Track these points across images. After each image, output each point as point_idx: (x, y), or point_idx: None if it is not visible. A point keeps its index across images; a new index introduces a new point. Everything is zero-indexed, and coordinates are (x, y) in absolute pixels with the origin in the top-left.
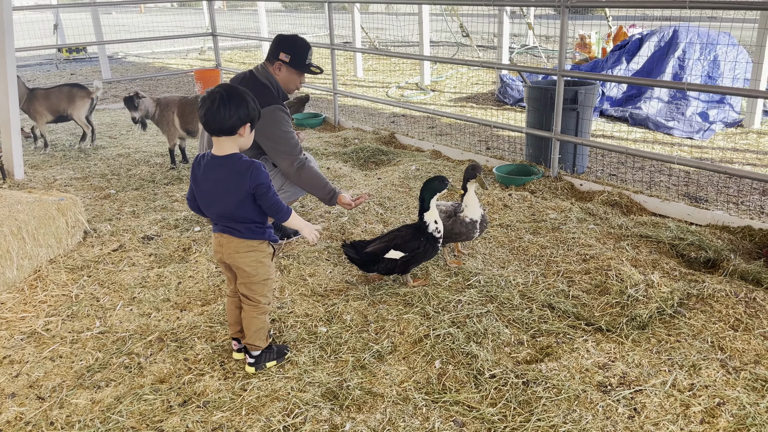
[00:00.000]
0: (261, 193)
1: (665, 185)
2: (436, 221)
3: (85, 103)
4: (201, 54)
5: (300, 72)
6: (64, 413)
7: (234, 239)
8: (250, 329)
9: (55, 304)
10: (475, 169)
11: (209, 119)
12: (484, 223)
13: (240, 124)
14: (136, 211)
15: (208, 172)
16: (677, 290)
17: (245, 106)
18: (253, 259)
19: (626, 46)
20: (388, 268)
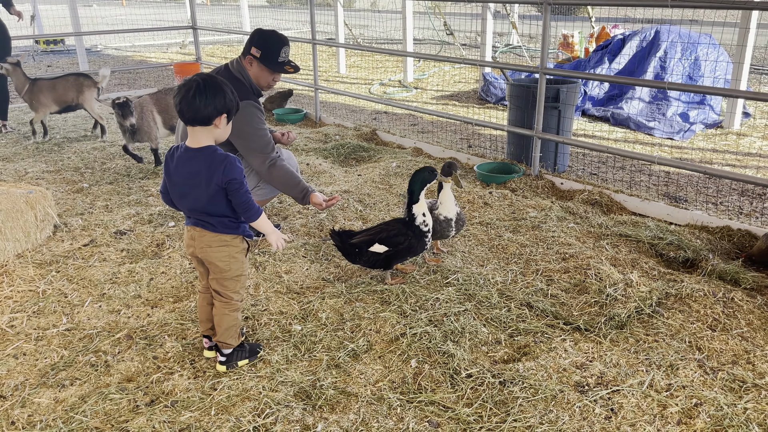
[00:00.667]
0: (233, 189)
1: (645, 185)
2: (425, 214)
3: (93, 92)
4: (182, 48)
5: (270, 69)
6: (25, 412)
7: (207, 233)
8: (222, 326)
9: (21, 300)
10: (451, 167)
11: (184, 107)
12: (461, 222)
13: (216, 114)
14: (109, 206)
15: (181, 165)
16: (656, 290)
17: (222, 96)
18: (226, 254)
19: (609, 47)
20: (371, 262)
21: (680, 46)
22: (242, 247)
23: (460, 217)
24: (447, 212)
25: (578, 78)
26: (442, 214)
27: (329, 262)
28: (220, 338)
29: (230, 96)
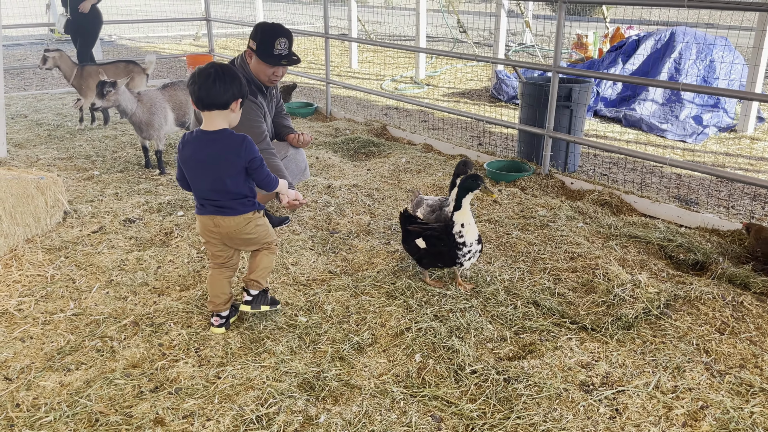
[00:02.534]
0: (255, 167)
1: (656, 187)
2: (464, 225)
3: (143, 78)
4: (195, 40)
5: (267, 63)
6: (31, 395)
7: (229, 218)
8: (260, 266)
9: (30, 284)
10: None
11: (203, 94)
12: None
13: (232, 99)
14: (119, 194)
15: (199, 148)
16: (664, 291)
17: (239, 82)
18: (252, 227)
19: (623, 47)
20: (413, 252)
21: (695, 48)
22: (260, 215)
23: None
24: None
25: (591, 77)
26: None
27: (336, 255)
28: (254, 277)
29: (243, 82)
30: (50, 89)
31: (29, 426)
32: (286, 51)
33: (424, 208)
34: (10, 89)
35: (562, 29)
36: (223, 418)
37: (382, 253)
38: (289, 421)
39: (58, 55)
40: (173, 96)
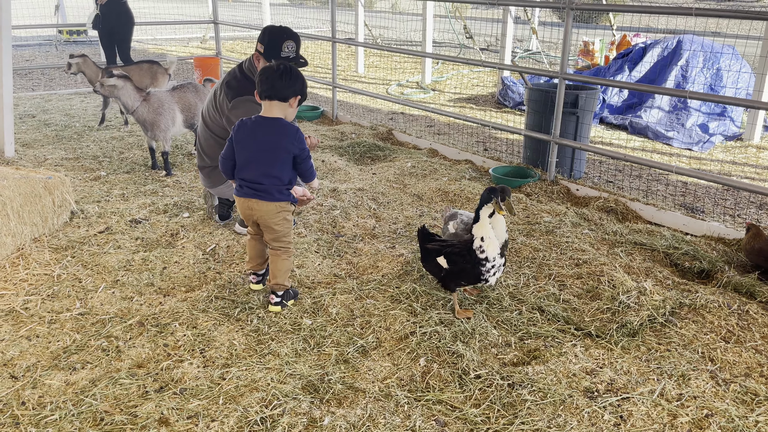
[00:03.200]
0: (303, 157)
1: (662, 194)
2: (484, 239)
3: (165, 79)
4: (202, 43)
5: None
6: (36, 393)
7: (264, 203)
8: (281, 270)
9: (36, 283)
10: (504, 192)
11: (268, 86)
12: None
13: (292, 95)
14: (126, 194)
15: (257, 130)
16: (669, 299)
17: (301, 82)
18: (281, 218)
19: (629, 55)
20: (434, 272)
21: (702, 57)
22: (291, 209)
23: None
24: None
25: (598, 84)
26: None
27: (341, 258)
28: (278, 281)
29: (304, 82)
30: (58, 90)
31: (34, 424)
32: (294, 54)
33: (457, 223)
34: (19, 89)
35: (569, 36)
36: (227, 419)
37: (387, 256)
38: (293, 423)
39: (82, 61)
40: (183, 98)
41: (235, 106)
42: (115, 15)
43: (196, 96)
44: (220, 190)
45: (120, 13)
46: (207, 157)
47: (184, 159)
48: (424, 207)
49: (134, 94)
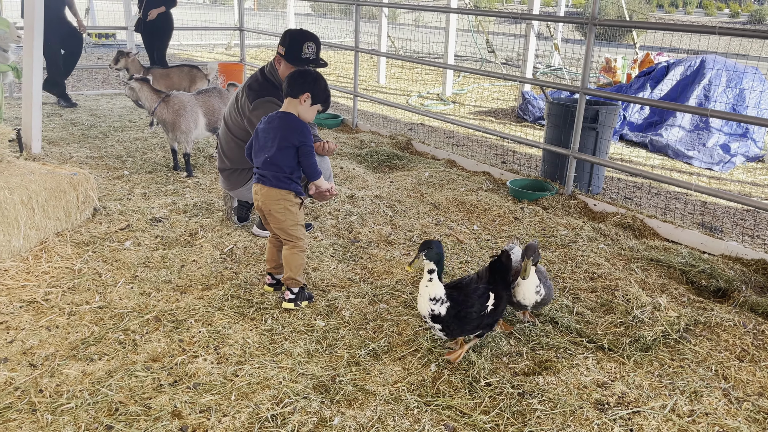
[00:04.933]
0: (304, 152)
1: (680, 212)
2: (433, 299)
3: (204, 83)
4: (227, 49)
5: (295, 66)
6: (54, 382)
7: (265, 188)
8: (291, 265)
9: (58, 276)
10: (530, 250)
11: (286, 83)
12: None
13: (301, 92)
14: (147, 194)
15: (271, 122)
16: (684, 316)
17: (314, 83)
18: (282, 207)
19: (652, 73)
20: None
21: (725, 76)
22: (295, 201)
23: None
24: (522, 297)
25: (619, 100)
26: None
27: (356, 263)
28: (290, 275)
29: (320, 85)
30: (85, 90)
31: (51, 411)
32: (314, 55)
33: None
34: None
35: (591, 51)
36: (239, 415)
37: (401, 263)
38: (303, 421)
39: (131, 60)
40: (207, 102)
41: (255, 107)
42: (159, 21)
43: (220, 100)
44: (239, 193)
45: (163, 20)
46: (228, 160)
47: (205, 161)
48: (441, 216)
49: (151, 96)
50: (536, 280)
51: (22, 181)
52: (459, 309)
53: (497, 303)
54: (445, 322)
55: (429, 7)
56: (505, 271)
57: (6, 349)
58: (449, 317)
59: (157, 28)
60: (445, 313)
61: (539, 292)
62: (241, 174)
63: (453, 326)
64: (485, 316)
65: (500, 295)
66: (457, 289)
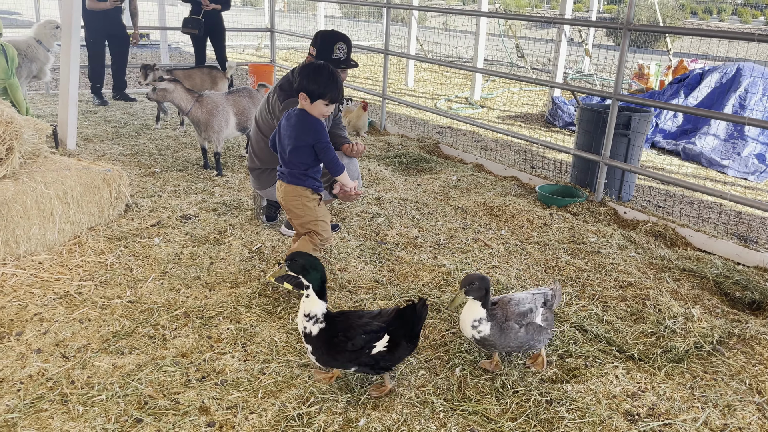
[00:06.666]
0: (321, 149)
1: (714, 222)
2: (307, 315)
3: (225, 83)
4: (257, 50)
5: None
6: (85, 374)
7: (283, 184)
8: (297, 248)
9: (90, 270)
10: (465, 281)
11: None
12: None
13: (300, 90)
14: (178, 191)
15: (288, 118)
16: (718, 327)
17: (308, 80)
18: (299, 203)
19: (686, 80)
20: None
21: (762, 85)
22: (313, 198)
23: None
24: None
25: (652, 106)
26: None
27: (383, 265)
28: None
29: (315, 82)
30: None
31: (82, 403)
32: (345, 56)
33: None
34: (83, 87)
35: (625, 56)
36: (265, 413)
37: (428, 266)
38: (329, 421)
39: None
40: (237, 102)
41: (285, 107)
42: (218, 20)
43: (250, 101)
44: (268, 192)
45: (221, 20)
46: (258, 160)
47: (235, 161)
48: (468, 220)
49: (186, 96)
50: (476, 314)
51: (58, 176)
52: (334, 336)
53: (392, 349)
54: (315, 344)
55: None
56: (417, 320)
57: (39, 341)
58: (320, 341)
59: (217, 27)
60: (316, 334)
61: (478, 329)
62: (270, 173)
63: (322, 352)
64: (368, 355)
65: (398, 342)
66: (343, 316)
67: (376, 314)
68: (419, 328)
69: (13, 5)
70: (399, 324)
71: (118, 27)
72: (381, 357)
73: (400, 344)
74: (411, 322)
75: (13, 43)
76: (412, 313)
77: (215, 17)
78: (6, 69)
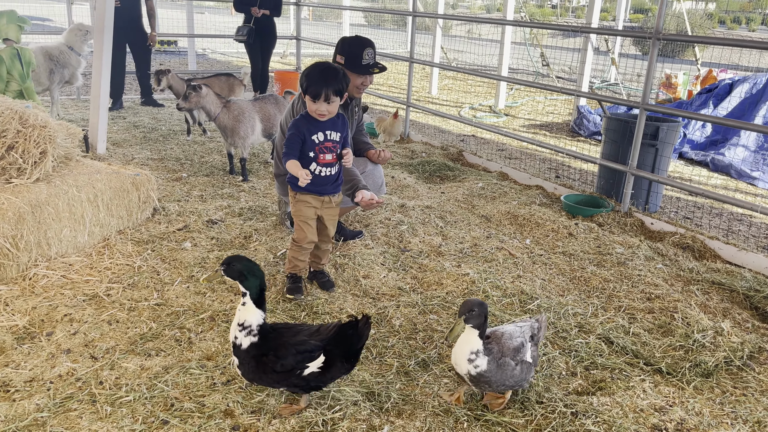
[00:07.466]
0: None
1: (744, 235)
2: (241, 325)
3: (241, 90)
4: (283, 57)
5: (356, 73)
6: (113, 375)
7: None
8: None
9: (119, 272)
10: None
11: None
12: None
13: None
14: (204, 196)
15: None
16: (748, 342)
17: (303, 77)
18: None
19: (714, 90)
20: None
21: None
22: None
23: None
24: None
25: (681, 116)
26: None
27: (406, 272)
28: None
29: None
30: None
31: (110, 403)
32: (373, 60)
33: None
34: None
35: (654, 66)
36: (289, 419)
37: (452, 274)
38: (353, 428)
39: (171, 76)
40: (263, 108)
41: None
42: (272, 27)
43: (276, 107)
44: None
45: (270, 30)
46: (283, 166)
47: (260, 167)
48: (492, 229)
49: (216, 101)
50: (474, 345)
51: (89, 179)
52: (264, 352)
53: (326, 369)
54: (242, 358)
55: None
56: (357, 339)
57: (69, 341)
58: (249, 356)
59: (268, 34)
60: (246, 348)
61: (475, 363)
62: None
63: (249, 369)
64: (298, 377)
65: (334, 362)
66: (277, 332)
67: (314, 330)
68: (360, 346)
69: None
70: (338, 342)
71: (138, 33)
72: (313, 378)
73: (335, 364)
74: (351, 341)
75: (46, 49)
76: (354, 330)
77: (267, 24)
78: (21, 73)
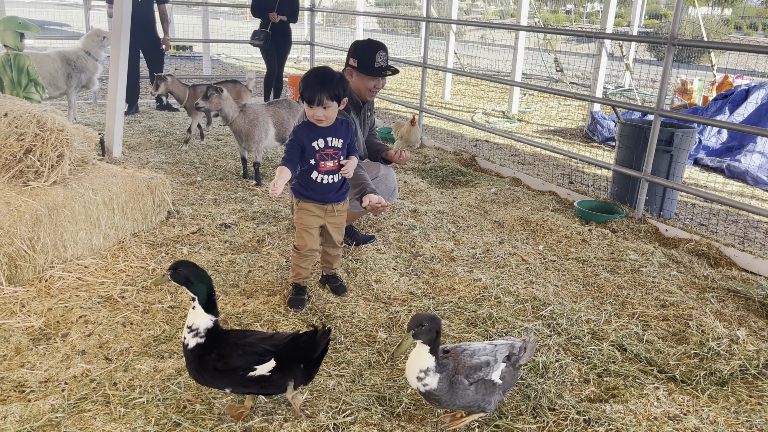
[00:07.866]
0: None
1: (760, 242)
2: (191, 327)
3: (248, 93)
4: (296, 63)
5: (369, 76)
6: (127, 376)
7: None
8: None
9: (133, 275)
10: (413, 322)
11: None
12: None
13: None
14: (218, 200)
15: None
16: (764, 351)
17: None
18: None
19: (730, 96)
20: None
21: None
22: (297, 203)
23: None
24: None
25: (696, 122)
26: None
27: (418, 277)
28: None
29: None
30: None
31: (124, 404)
32: (386, 63)
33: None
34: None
35: (669, 72)
36: (300, 422)
37: (464, 280)
38: None
39: (170, 82)
40: (276, 113)
41: None
42: (288, 32)
43: (290, 112)
44: None
45: (286, 36)
46: None
47: (273, 171)
48: (505, 234)
49: (235, 105)
50: (423, 363)
51: (105, 183)
52: (209, 354)
53: (276, 374)
54: (188, 358)
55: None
56: (311, 350)
57: (84, 342)
58: (193, 355)
59: (285, 39)
60: (192, 347)
61: (424, 381)
62: None
63: (192, 366)
64: (242, 377)
65: (287, 371)
66: (228, 335)
67: (268, 336)
68: (319, 356)
69: (64, 17)
70: (292, 350)
71: (152, 37)
72: (264, 381)
73: (287, 373)
74: (306, 349)
75: (63, 54)
76: (311, 340)
77: (283, 29)
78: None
